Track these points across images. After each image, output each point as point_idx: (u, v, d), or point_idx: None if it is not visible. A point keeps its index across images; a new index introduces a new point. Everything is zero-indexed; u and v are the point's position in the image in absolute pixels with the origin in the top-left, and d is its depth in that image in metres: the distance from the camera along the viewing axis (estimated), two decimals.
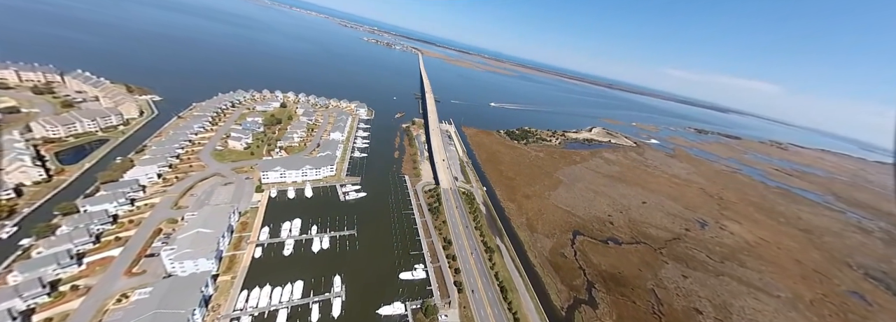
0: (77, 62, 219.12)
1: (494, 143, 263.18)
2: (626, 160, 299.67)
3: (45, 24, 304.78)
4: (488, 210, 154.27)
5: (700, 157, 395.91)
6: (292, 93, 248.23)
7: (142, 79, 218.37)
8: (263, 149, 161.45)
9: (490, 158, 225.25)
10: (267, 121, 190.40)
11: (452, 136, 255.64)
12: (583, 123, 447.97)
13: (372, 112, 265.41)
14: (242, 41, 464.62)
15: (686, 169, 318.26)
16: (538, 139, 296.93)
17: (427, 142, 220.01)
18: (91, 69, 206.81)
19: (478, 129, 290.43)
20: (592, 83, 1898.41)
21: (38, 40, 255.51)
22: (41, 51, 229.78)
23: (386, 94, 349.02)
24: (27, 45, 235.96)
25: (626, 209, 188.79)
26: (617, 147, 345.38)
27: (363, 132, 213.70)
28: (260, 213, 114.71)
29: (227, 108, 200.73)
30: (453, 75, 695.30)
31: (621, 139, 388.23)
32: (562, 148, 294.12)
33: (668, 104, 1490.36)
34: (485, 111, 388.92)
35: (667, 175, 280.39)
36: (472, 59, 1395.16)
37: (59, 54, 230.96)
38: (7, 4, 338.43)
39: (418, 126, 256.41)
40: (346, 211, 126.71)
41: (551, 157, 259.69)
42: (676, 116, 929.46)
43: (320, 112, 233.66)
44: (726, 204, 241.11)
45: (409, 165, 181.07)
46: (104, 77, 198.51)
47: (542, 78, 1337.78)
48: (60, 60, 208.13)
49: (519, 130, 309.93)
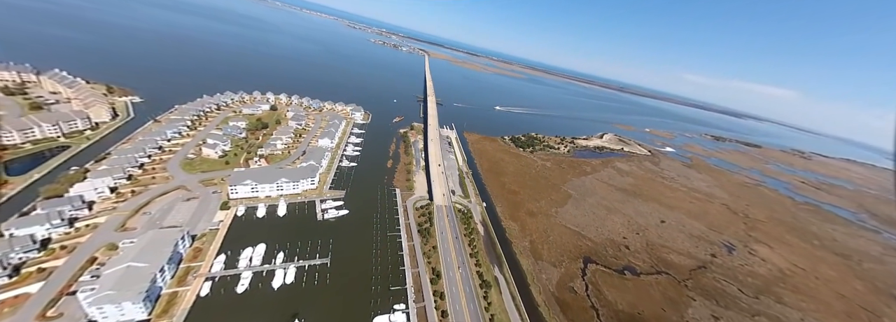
0: (67, 61, 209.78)
1: (498, 150, 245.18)
2: (640, 171, 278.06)
3: (46, 23, 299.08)
4: (487, 231, 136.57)
5: (720, 167, 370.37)
6: (285, 95, 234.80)
7: (129, 79, 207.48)
8: (241, 157, 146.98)
9: (492, 168, 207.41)
10: (251, 125, 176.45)
11: (453, 142, 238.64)
12: (593, 129, 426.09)
13: (368, 116, 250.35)
14: (244, 42, 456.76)
15: (706, 181, 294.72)
16: (545, 147, 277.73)
17: (425, 149, 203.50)
18: (79, 68, 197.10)
19: (481, 135, 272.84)
20: (604, 86, 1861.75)
21: (34, 39, 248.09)
22: (35, 49, 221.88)
23: (387, 96, 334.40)
24: (20, 43, 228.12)
25: (643, 230, 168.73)
26: (630, 156, 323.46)
27: (356, 138, 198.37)
28: (219, 237, 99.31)
29: (211, 111, 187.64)
30: (459, 77, 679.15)
31: (635, 147, 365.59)
32: (571, 156, 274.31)
33: (682, 109, 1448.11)
34: (489, 115, 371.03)
35: (685, 188, 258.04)
36: (480, 61, 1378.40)
37: (50, 53, 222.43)
38: (9, 3, 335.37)
39: (417, 131, 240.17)
40: (323, 233, 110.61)
41: (559, 166, 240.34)
42: (691, 122, 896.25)
43: (312, 116, 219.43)
44: (753, 223, 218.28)
45: (403, 176, 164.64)
46: (88, 77, 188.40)
47: (551, 80, 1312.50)
48: (49, 59, 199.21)
49: (525, 137, 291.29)
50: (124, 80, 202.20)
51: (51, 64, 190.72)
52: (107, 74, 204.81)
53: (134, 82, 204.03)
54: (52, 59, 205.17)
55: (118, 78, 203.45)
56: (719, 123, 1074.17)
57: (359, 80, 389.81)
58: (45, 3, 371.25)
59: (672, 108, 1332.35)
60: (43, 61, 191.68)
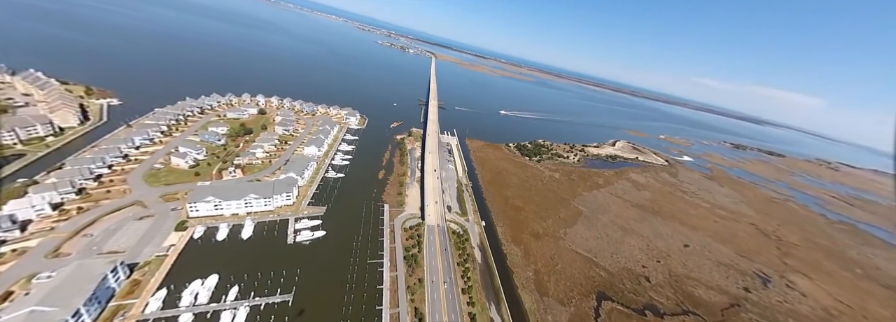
0: (53, 61, 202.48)
1: (502, 159, 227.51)
2: (657, 183, 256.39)
3: (40, 20, 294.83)
4: (485, 258, 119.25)
5: (743, 179, 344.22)
6: (276, 97, 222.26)
7: (113, 80, 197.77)
8: (215, 167, 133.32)
9: (495, 180, 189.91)
10: (233, 131, 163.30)
11: (453, 150, 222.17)
12: (605, 136, 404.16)
13: (364, 120, 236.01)
14: (246, 43, 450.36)
15: (730, 196, 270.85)
16: (553, 155, 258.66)
17: (422, 158, 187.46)
18: (63, 68, 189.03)
19: (484, 142, 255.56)
20: (616, 90, 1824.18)
21: (22, 38, 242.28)
22: (22, 48, 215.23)
23: (387, 99, 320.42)
24: (7, 43, 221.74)
25: (664, 256, 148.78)
26: (646, 166, 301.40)
27: (348, 145, 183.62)
28: (165, 266, 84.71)
29: (193, 116, 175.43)
30: (465, 80, 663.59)
31: (650, 156, 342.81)
32: (581, 166, 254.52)
33: (698, 114, 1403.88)
34: (494, 120, 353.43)
35: (708, 204, 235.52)
36: (488, 64, 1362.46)
37: (37, 52, 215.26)
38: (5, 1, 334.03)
39: (416, 138, 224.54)
40: (291, 260, 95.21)
41: (569, 178, 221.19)
42: (708, 128, 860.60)
43: (303, 120, 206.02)
44: (787, 247, 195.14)
45: (394, 190, 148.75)
46: (69, 78, 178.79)
47: (561, 84, 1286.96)
48: (33, 59, 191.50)
49: (531, 144, 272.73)
50: (108, 81, 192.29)
51: (35, 63, 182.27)
52: (91, 75, 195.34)
53: (118, 83, 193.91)
54: (35, 58, 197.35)
55: (102, 79, 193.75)
56: (737, 130, 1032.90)
57: (359, 82, 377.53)
58: (44, 1, 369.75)
59: (687, 114, 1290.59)
60: (25, 60, 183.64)
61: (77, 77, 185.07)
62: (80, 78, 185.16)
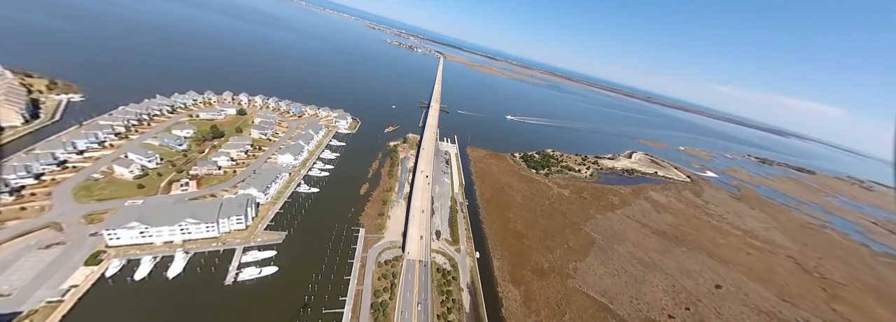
0: (23, 50, 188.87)
1: (505, 171, 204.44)
2: (680, 204, 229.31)
3: (25, 9, 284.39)
4: (475, 305, 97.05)
5: (773, 200, 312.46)
6: (261, 96, 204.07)
7: (86, 73, 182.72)
8: (166, 179, 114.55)
9: (496, 198, 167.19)
10: (200, 134, 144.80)
11: (452, 160, 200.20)
12: (619, 146, 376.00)
13: (356, 124, 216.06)
14: (247, 38, 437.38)
15: (762, 220, 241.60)
16: (563, 168, 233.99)
17: (413, 170, 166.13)
18: (32, 59, 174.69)
19: (487, 151, 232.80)
20: (629, 95, 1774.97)
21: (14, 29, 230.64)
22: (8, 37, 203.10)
23: (387, 101, 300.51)
24: None
25: (693, 301, 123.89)
26: (666, 183, 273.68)
27: (331, 153, 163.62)
28: (53, 320, 65.17)
29: (161, 115, 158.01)
30: (473, 82, 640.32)
31: (670, 170, 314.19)
32: (594, 182, 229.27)
33: (717, 124, 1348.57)
34: (500, 126, 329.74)
35: (739, 231, 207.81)
36: (498, 65, 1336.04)
37: (9, 41, 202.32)
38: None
39: (411, 145, 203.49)
40: (223, 310, 74.96)
41: (580, 196, 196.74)
42: (729, 139, 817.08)
43: (286, 123, 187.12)
44: (833, 288, 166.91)
45: (375, 209, 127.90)
46: (35, 69, 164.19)
47: (572, 88, 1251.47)
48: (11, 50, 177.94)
49: (539, 155, 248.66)
50: (80, 75, 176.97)
51: (2, 53, 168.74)
52: (64, 67, 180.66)
53: (90, 77, 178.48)
54: (5, 48, 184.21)
55: (74, 72, 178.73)
56: (760, 142, 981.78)
57: (359, 82, 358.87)
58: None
59: (704, 122, 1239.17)
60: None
61: (46, 69, 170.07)
62: (50, 70, 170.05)
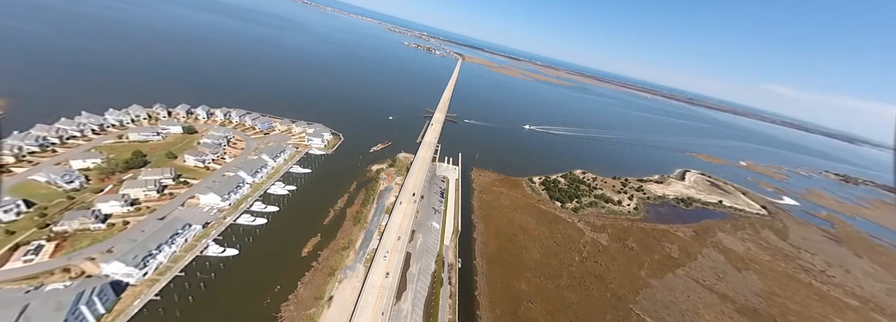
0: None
1: (520, 206, 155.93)
2: (764, 253, 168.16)
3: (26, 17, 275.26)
4: None
5: (880, 239, 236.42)
6: (223, 109, 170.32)
7: (32, 83, 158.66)
8: (15, 239, 79.69)
9: (504, 253, 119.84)
10: (112, 164, 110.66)
11: (450, 190, 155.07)
12: (666, 163, 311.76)
13: (337, 141, 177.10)
14: (253, 43, 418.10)
15: (879, 277, 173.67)
16: (597, 198, 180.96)
17: (390, 211, 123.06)
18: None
19: (497, 175, 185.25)
20: (668, 97, 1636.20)
21: None
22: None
23: (385, 109, 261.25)
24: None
25: None
26: (736, 217, 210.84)
27: (285, 186, 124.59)
28: None
29: (82, 136, 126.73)
30: (490, 85, 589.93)
31: (738, 197, 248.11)
32: (640, 219, 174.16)
33: (775, 129, 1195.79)
34: (516, 139, 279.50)
35: (856, 300, 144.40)
36: (521, 66, 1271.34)
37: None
38: None
39: (400, 168, 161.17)
40: None
41: (624, 245, 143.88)
42: (793, 149, 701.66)
43: (245, 142, 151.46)
44: None
45: (317, 283, 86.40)
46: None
47: (603, 89, 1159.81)
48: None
49: (566, 179, 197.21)
50: (25, 85, 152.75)
51: None
52: (10, 76, 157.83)
53: (34, 88, 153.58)
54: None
55: (19, 82, 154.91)
56: (832, 152, 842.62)
57: (359, 88, 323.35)
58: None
59: (760, 128, 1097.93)
60: None
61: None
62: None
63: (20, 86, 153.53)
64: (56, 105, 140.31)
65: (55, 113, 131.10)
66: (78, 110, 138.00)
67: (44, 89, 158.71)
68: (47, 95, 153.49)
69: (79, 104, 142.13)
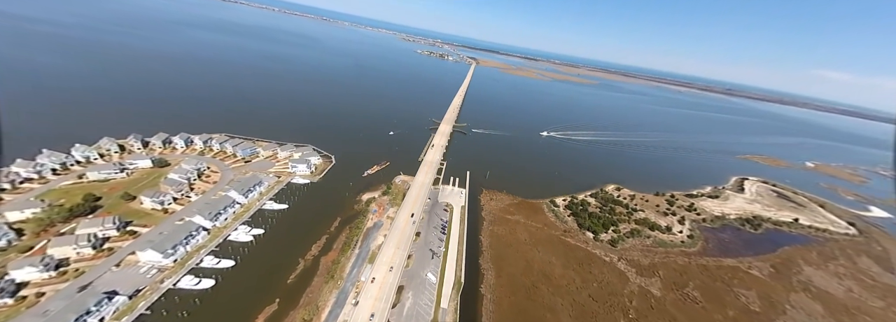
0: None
1: (541, 240, 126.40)
2: (873, 299, 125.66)
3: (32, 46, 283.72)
4: None
5: None
6: (204, 136, 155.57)
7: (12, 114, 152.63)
8: None
9: (522, 316, 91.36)
10: (54, 214, 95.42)
11: (453, 220, 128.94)
12: (716, 169, 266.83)
13: (326, 165, 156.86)
14: (262, 60, 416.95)
15: None
16: (640, 225, 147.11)
17: (374, 257, 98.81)
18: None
19: (512, 198, 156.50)
20: (704, 89, 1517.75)
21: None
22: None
23: (387, 123, 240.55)
24: None
25: None
26: (821, 240, 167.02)
27: (251, 230, 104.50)
28: None
29: (38, 179, 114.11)
30: (506, 88, 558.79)
31: (814, 211, 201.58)
32: (698, 252, 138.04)
33: (832, 118, 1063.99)
34: (533, 149, 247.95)
35: None
36: (538, 67, 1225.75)
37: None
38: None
39: (395, 196, 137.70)
40: None
41: (682, 296, 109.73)
42: (860, 142, 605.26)
43: (218, 174, 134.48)
44: None
45: None
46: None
47: (630, 85, 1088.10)
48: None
49: (596, 199, 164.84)
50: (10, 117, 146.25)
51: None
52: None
53: (16, 120, 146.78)
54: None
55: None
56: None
57: (362, 100, 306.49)
58: (54, 27, 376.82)
59: (813, 118, 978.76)
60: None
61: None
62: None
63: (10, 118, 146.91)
64: (30, 142, 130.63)
65: (20, 152, 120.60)
66: (54, 144, 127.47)
67: (20, 124, 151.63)
68: (28, 130, 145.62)
69: (53, 139, 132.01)
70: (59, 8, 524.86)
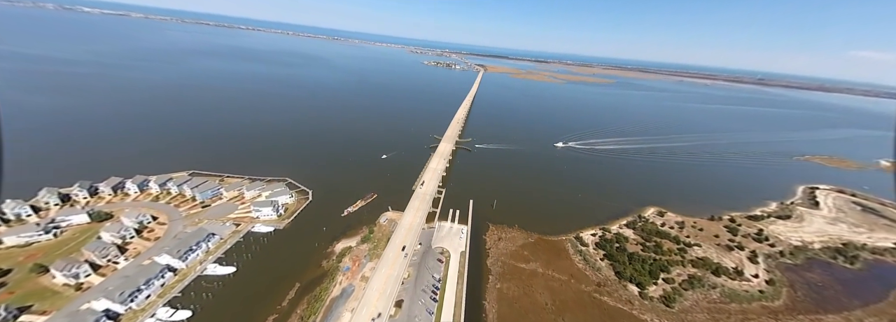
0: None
1: (568, 303, 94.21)
2: None
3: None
4: None
5: None
6: (159, 179, 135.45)
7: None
8: None
9: None
10: None
11: (449, 275, 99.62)
12: (772, 175, 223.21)
13: (301, 203, 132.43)
14: (261, 84, 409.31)
15: None
16: (696, 267, 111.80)
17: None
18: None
19: (525, 234, 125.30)
20: (733, 80, 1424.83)
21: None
22: None
23: (382, 144, 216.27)
24: None
25: None
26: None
27: (178, 312, 79.90)
28: None
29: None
30: (517, 95, 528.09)
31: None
32: (783, 304, 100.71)
33: (881, 105, 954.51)
34: (546, 165, 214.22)
35: None
36: (549, 69, 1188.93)
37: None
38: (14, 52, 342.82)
39: (376, 244, 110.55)
40: None
41: None
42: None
43: (165, 227, 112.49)
44: None
45: None
46: None
47: (650, 82, 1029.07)
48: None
49: (635, 230, 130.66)
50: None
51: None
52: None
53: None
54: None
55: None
56: None
57: (358, 119, 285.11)
58: (60, 66, 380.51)
59: (862, 105, 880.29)
60: None
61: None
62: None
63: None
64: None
65: None
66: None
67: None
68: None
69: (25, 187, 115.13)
70: (76, 47, 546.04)
